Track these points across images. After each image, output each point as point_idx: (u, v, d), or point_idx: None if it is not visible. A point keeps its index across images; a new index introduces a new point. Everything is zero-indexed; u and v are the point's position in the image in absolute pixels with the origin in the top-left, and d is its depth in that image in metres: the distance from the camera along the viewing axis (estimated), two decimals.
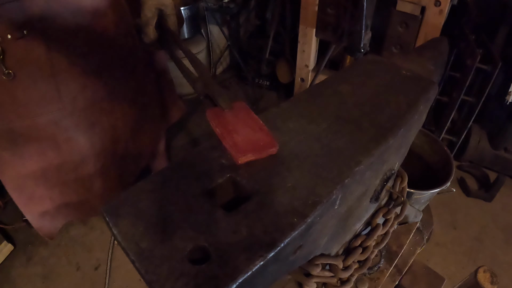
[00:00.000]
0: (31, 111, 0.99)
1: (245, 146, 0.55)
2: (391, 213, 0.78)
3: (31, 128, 1.00)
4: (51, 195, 1.17)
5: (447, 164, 1.44)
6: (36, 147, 1.05)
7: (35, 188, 1.12)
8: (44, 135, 1.03)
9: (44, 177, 1.11)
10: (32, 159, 1.06)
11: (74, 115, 1.05)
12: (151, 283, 0.42)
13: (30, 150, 1.05)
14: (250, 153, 0.55)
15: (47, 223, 1.24)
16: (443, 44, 0.91)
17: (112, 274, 1.46)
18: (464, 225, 2.00)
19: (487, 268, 0.90)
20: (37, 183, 1.12)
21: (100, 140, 1.15)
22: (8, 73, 0.91)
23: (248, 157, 0.55)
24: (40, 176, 1.10)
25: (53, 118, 1.02)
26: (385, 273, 0.90)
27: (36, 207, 1.18)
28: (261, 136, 0.57)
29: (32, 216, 1.19)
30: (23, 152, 1.04)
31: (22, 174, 1.07)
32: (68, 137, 1.07)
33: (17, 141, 1.01)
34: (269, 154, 0.56)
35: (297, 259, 0.54)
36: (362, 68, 0.76)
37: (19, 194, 1.11)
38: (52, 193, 1.16)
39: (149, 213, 0.48)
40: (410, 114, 0.65)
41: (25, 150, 1.04)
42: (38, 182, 1.11)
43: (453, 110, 2.00)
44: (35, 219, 1.20)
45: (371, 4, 1.51)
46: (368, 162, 0.57)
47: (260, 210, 0.48)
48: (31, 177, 1.09)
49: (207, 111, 0.62)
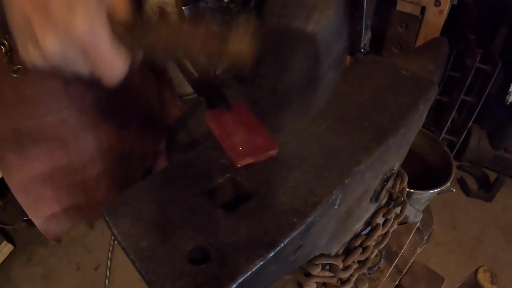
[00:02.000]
0: (39, 110, 0.98)
1: (244, 149, 0.55)
2: (391, 213, 0.78)
3: (39, 127, 1.00)
4: (58, 197, 1.16)
5: (447, 164, 1.44)
6: (44, 147, 1.04)
7: (42, 190, 1.11)
8: (51, 134, 1.02)
9: (52, 178, 1.10)
10: (39, 160, 1.05)
11: (82, 113, 1.05)
12: (151, 283, 0.42)
13: (37, 151, 1.04)
14: (249, 156, 0.54)
15: (54, 226, 1.23)
16: (443, 44, 0.91)
17: (112, 274, 1.46)
18: (464, 225, 2.00)
19: (487, 268, 0.90)
20: (44, 185, 1.10)
21: (107, 139, 1.15)
22: (18, 68, 0.89)
23: (247, 161, 0.54)
24: (47, 177, 1.09)
25: (61, 116, 1.01)
26: (385, 273, 0.90)
27: (43, 210, 1.16)
28: (261, 138, 0.57)
29: (39, 219, 1.17)
30: (30, 153, 1.02)
31: (28, 176, 1.06)
32: (76, 136, 1.06)
33: (24, 141, 1.00)
34: (269, 156, 0.56)
35: (297, 259, 0.54)
36: (362, 68, 0.76)
37: (25, 196, 1.10)
38: (59, 194, 1.15)
39: (149, 213, 0.48)
40: (410, 114, 0.65)
41: (32, 151, 1.03)
42: (45, 184, 1.10)
43: (453, 110, 2.01)
44: (42, 222, 1.19)
45: (371, 4, 1.51)
46: (368, 162, 0.57)
47: (260, 210, 0.48)
48: (38, 179, 1.08)
49: (206, 113, 0.62)
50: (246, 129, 0.58)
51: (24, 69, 0.89)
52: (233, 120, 0.60)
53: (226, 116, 0.61)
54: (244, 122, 0.60)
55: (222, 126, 0.59)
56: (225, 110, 0.62)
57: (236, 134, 0.57)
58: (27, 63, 0.52)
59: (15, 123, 0.98)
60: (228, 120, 0.60)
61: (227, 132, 0.58)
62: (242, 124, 0.59)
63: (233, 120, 0.60)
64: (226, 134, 0.57)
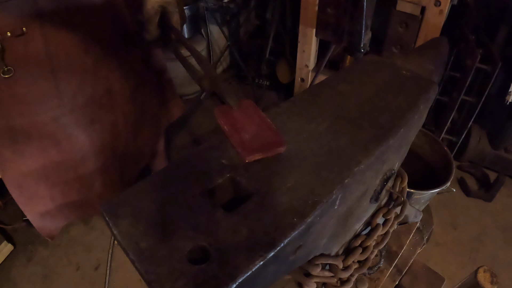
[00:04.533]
0: (31, 109, 0.99)
1: (253, 144, 0.55)
2: (391, 213, 0.78)
3: (32, 125, 1.01)
4: (52, 194, 1.17)
5: (447, 164, 1.44)
6: (37, 145, 1.05)
7: (36, 187, 1.12)
8: (44, 132, 1.03)
9: (45, 176, 1.11)
10: (33, 157, 1.06)
11: (74, 112, 1.06)
12: (151, 283, 0.42)
13: (31, 148, 1.05)
14: (258, 152, 0.54)
15: (48, 223, 1.24)
16: (443, 44, 0.91)
17: (112, 274, 1.46)
18: (464, 225, 2.00)
19: (487, 268, 0.90)
20: (38, 182, 1.12)
21: (100, 138, 1.15)
22: (8, 69, 0.91)
23: (256, 156, 0.54)
24: (41, 175, 1.10)
25: (53, 115, 1.02)
26: (385, 273, 0.90)
27: (37, 207, 1.17)
28: (269, 135, 0.57)
29: (33, 216, 1.19)
30: (24, 150, 1.04)
31: (23, 172, 1.07)
32: (68, 134, 1.07)
33: (18, 139, 1.01)
34: (277, 152, 0.56)
35: (297, 259, 0.54)
36: (362, 68, 0.76)
37: (20, 193, 1.11)
38: (53, 192, 1.16)
39: (149, 213, 0.48)
40: (410, 114, 0.65)
41: (26, 148, 1.04)
42: (39, 181, 1.11)
43: (453, 110, 2.01)
44: (36, 219, 1.20)
45: (371, 4, 1.51)
46: (368, 162, 0.57)
47: (260, 210, 0.48)
48: (32, 175, 1.09)
49: (215, 109, 0.62)
50: (255, 125, 0.59)
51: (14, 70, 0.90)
52: (242, 116, 0.60)
53: (235, 112, 0.61)
54: (252, 118, 0.60)
55: (231, 122, 0.59)
56: (234, 106, 0.61)
57: (245, 130, 0.57)
58: None
59: (9, 121, 0.99)
60: (237, 116, 0.60)
61: (236, 128, 0.58)
62: (250, 120, 0.59)
63: (242, 116, 0.60)
64: (235, 130, 0.57)
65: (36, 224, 1.20)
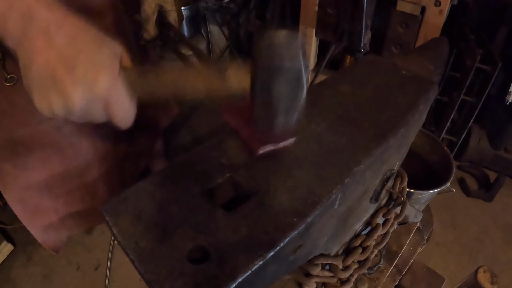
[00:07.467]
0: (33, 117, 0.97)
1: (263, 136, 0.55)
2: (391, 213, 0.78)
3: (34, 135, 0.99)
4: (56, 207, 1.15)
5: (447, 164, 1.44)
6: (39, 156, 1.03)
7: (40, 201, 1.10)
8: (47, 142, 1.01)
9: (49, 188, 1.09)
10: (36, 169, 1.04)
11: None
12: (150, 282, 0.42)
13: (34, 160, 1.03)
14: (269, 143, 0.54)
15: (52, 236, 1.22)
16: (443, 44, 0.92)
17: (112, 274, 1.46)
18: (464, 225, 2.00)
19: (487, 268, 0.90)
20: (42, 195, 1.09)
21: (103, 144, 1.14)
22: (11, 77, 0.88)
23: (267, 148, 0.54)
24: (44, 187, 1.08)
25: (55, 123, 1.00)
26: (385, 273, 0.90)
27: (40, 221, 1.15)
28: None
29: (37, 230, 1.16)
30: (26, 162, 1.01)
31: (25, 186, 1.05)
32: (71, 142, 1.05)
33: (19, 150, 0.99)
34: (287, 144, 0.55)
35: (297, 259, 0.54)
36: (362, 68, 0.76)
37: (23, 208, 1.08)
38: (57, 204, 1.14)
39: (149, 212, 0.48)
40: (410, 114, 0.65)
41: (28, 160, 1.01)
42: (42, 193, 1.09)
43: (453, 110, 2.01)
44: (40, 233, 1.17)
45: (371, 4, 1.51)
46: (368, 162, 0.56)
47: (260, 210, 0.48)
48: (35, 188, 1.07)
49: (220, 107, 0.61)
50: None
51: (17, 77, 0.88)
52: (248, 109, 0.60)
53: (241, 107, 0.60)
54: None
55: (237, 117, 0.58)
56: None
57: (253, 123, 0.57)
58: (44, 112, 0.56)
59: (9, 133, 0.96)
60: (243, 109, 0.59)
61: (244, 122, 0.57)
62: None
63: (249, 109, 0.60)
64: (243, 123, 0.57)
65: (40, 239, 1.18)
